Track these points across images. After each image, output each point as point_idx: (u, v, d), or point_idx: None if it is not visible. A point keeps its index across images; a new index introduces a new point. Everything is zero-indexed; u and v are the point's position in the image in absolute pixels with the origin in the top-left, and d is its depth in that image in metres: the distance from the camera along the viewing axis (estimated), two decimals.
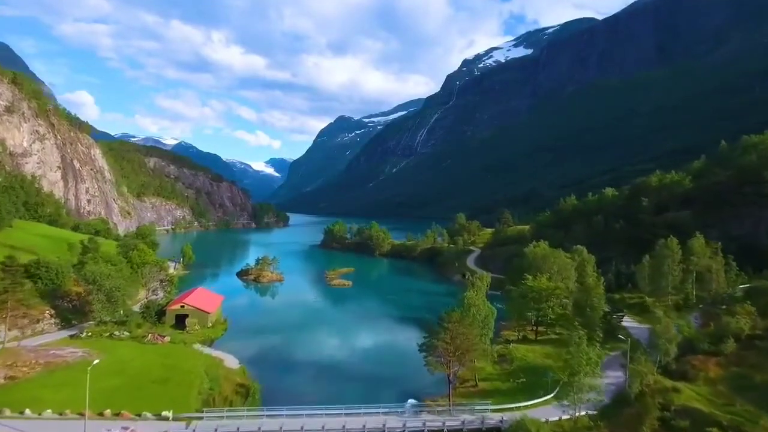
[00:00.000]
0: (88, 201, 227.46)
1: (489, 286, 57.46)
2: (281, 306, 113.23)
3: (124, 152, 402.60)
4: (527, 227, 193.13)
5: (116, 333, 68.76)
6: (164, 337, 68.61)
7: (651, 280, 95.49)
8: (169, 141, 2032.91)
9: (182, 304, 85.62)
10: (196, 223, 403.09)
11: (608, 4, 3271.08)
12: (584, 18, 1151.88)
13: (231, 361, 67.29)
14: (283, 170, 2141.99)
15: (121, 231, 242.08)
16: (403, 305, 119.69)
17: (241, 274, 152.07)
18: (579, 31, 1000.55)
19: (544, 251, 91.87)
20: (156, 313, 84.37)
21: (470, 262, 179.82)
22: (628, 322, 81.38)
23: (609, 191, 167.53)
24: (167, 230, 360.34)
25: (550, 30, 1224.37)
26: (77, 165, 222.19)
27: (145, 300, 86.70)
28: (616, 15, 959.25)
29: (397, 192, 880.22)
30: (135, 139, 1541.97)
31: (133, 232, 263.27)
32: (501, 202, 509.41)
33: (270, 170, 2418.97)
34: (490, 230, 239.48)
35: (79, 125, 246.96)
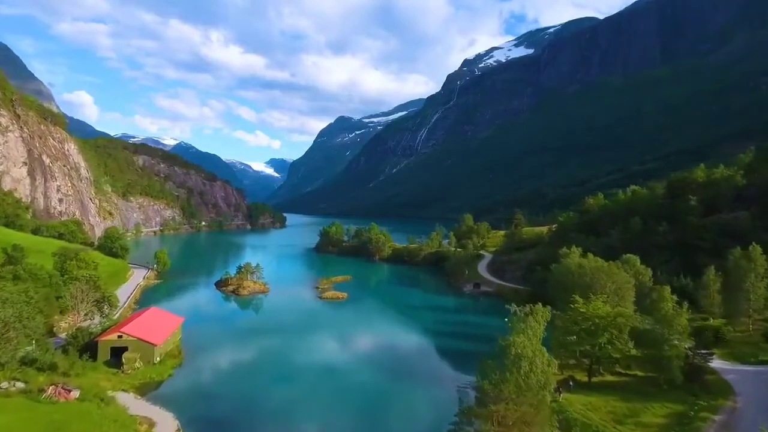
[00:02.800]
0: (60, 200, 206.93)
1: (547, 323, 37.37)
2: (258, 328, 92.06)
3: (111, 149, 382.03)
4: (545, 229, 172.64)
5: (4, 385, 48.30)
6: (70, 391, 48.05)
7: (726, 300, 75.03)
8: (169, 141, 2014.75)
9: (119, 334, 65.21)
10: (186, 225, 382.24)
11: (609, 3, 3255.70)
12: (586, 17, 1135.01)
13: (165, 427, 46.96)
14: (283, 171, 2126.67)
15: (99, 233, 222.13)
16: (409, 327, 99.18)
17: (220, 285, 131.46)
18: (581, 30, 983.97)
19: (597, 264, 70.98)
20: (85, 347, 64.14)
21: (482, 268, 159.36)
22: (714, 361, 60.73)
23: (636, 188, 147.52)
24: (155, 232, 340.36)
25: (552, 29, 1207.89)
26: (47, 161, 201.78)
27: (72, 329, 66.25)
28: (619, 13, 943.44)
29: (398, 192, 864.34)
30: (134, 139, 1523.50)
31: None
32: (503, 202, 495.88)
33: (270, 170, 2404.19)
34: (500, 232, 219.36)
35: (52, 117, 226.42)
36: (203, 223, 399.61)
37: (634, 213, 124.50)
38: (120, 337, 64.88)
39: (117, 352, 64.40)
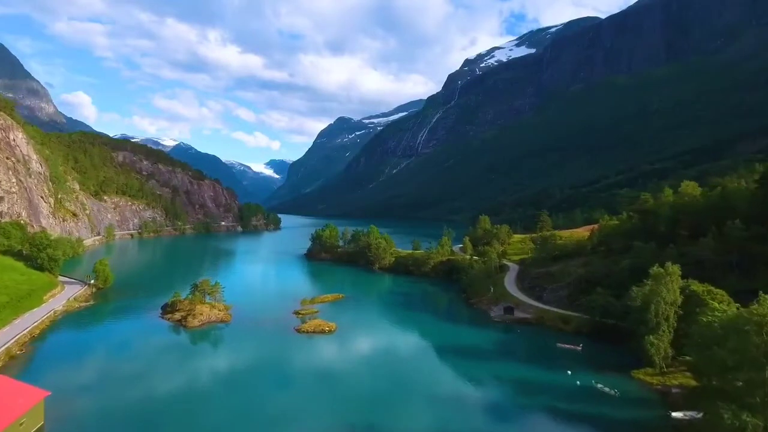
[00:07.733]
0: (0, 198, 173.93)
1: None
2: (192, 400, 58.07)
3: (86, 145, 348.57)
4: (585, 233, 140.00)
5: None
6: None
7: None
8: (168, 142, 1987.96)
9: None
10: (169, 227, 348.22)
11: (608, 2, 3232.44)
12: (589, 17, 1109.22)
13: None
14: (283, 171, 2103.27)
15: (53, 237, 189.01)
16: (424, 391, 65.15)
17: (167, 310, 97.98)
18: (584, 29, 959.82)
19: None
20: None
21: (509, 284, 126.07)
22: None
23: (689, 183, 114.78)
24: (132, 234, 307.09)
25: (553, 29, 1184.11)
26: None
27: None
28: (623, 11, 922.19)
29: (398, 193, 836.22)
30: (134, 140, 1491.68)
31: (75, 237, 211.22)
32: (507, 203, 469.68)
33: (269, 171, 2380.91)
34: (519, 236, 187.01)
35: None
36: (188, 225, 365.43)
37: (727, 214, 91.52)
38: None
39: None
